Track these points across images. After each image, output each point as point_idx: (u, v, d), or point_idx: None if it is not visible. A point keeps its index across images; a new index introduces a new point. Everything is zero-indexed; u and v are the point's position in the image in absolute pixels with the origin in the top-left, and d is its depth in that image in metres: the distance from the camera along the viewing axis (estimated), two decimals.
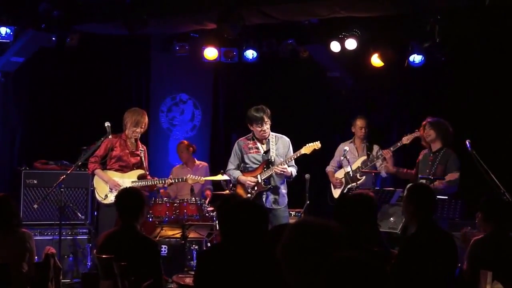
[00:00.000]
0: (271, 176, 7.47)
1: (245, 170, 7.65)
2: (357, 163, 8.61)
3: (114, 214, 7.17)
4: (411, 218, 5.13)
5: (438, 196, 6.89)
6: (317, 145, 7.44)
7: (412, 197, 5.12)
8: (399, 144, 8.26)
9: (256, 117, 7.46)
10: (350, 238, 2.81)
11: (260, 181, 7.47)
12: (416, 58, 9.48)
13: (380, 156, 8.51)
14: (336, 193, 8.88)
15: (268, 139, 7.58)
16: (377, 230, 4.97)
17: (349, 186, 8.62)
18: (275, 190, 7.53)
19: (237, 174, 7.66)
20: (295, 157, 7.46)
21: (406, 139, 8.18)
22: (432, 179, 7.66)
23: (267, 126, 7.48)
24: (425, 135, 7.90)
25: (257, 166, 7.56)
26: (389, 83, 10.20)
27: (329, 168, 9.14)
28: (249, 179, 7.52)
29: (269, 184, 7.48)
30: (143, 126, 7.83)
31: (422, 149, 8.21)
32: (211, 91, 11.55)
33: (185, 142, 10.02)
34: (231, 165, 7.76)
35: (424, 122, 8.03)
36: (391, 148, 8.32)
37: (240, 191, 7.68)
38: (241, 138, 7.78)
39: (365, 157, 8.77)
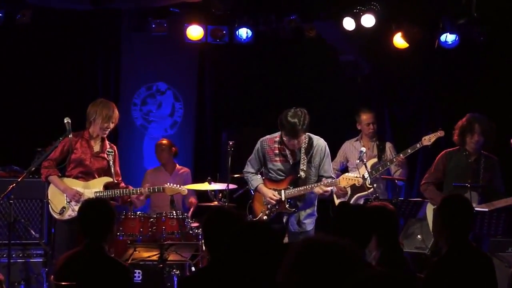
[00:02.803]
0: (298, 197, 7.43)
1: (266, 177, 7.60)
2: (365, 168, 8.54)
3: (74, 232, 7.16)
4: (441, 236, 5.14)
5: (476, 209, 6.93)
6: (358, 180, 7.36)
7: (444, 210, 5.13)
8: (418, 146, 8.21)
9: (291, 128, 7.20)
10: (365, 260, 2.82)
11: (283, 198, 7.41)
12: (448, 37, 9.51)
13: (394, 160, 8.53)
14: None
15: (300, 147, 7.44)
16: (399, 250, 4.99)
17: (359, 195, 8.61)
18: (304, 209, 7.48)
19: (258, 182, 7.59)
20: (329, 188, 7.34)
21: (427, 140, 8.12)
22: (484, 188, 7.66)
23: (299, 140, 7.32)
24: (473, 141, 7.78)
25: (282, 178, 7.50)
26: (415, 68, 10.22)
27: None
28: (270, 195, 7.42)
29: (294, 207, 7.43)
30: (114, 121, 7.83)
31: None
32: (196, 79, 11.55)
33: (166, 140, 10.01)
34: (250, 168, 7.67)
35: (465, 121, 7.86)
36: (409, 150, 8.29)
37: (256, 203, 7.64)
38: (266, 137, 7.64)
39: (375, 160, 8.74)
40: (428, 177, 8.04)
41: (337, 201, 8.91)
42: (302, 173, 7.36)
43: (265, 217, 7.42)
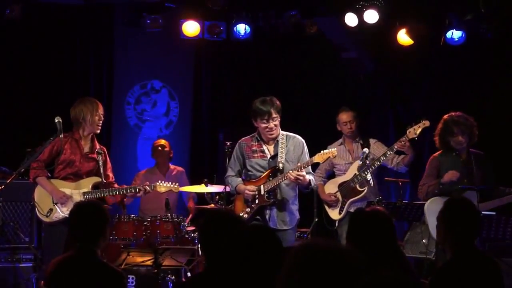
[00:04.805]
0: (277, 187, 7.48)
1: (247, 178, 7.68)
2: (353, 170, 8.51)
3: (62, 235, 7.17)
4: (446, 241, 5.15)
5: (484, 213, 6.95)
6: (333, 153, 7.40)
7: (448, 214, 5.14)
8: (404, 139, 8.04)
9: (261, 110, 7.47)
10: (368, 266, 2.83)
11: (262, 192, 7.47)
12: (455, 34, 9.52)
13: (388, 154, 8.34)
14: (333, 213, 8.67)
15: (277, 141, 7.59)
16: (401, 255, 5.00)
17: (352, 200, 8.52)
18: (283, 206, 7.51)
19: (237, 182, 7.68)
20: (306, 166, 7.44)
21: (412, 133, 7.97)
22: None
23: (274, 123, 7.49)
24: (457, 142, 7.80)
25: (261, 174, 7.56)
26: (420, 66, 10.24)
27: (316, 181, 8.65)
28: (248, 188, 7.52)
29: (273, 198, 7.47)
30: (103, 113, 7.89)
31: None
32: (192, 77, 11.57)
33: (166, 143, 9.98)
34: (230, 171, 7.77)
35: (442, 125, 7.87)
36: (395, 146, 8.12)
37: (238, 203, 7.70)
38: (244, 138, 7.78)
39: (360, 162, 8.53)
40: (424, 180, 8.03)
41: (329, 211, 8.72)
42: (280, 165, 7.48)
43: (245, 215, 7.47)
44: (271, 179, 7.45)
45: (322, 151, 7.45)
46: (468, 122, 7.80)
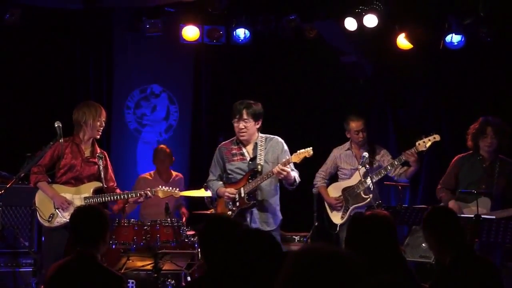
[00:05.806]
0: (257, 189, 7.48)
1: (228, 181, 7.69)
2: (358, 175, 8.46)
3: (63, 239, 7.17)
4: (439, 252, 5.18)
5: (483, 216, 6.94)
6: (308, 152, 7.29)
7: (429, 228, 5.19)
8: (412, 151, 8.03)
9: (235, 109, 7.60)
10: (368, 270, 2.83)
11: (243, 195, 7.48)
12: (454, 38, 9.53)
13: (395, 163, 8.31)
14: (335, 217, 8.66)
15: (256, 143, 7.62)
16: (401, 259, 5.01)
17: (356, 206, 8.49)
18: (264, 207, 7.52)
19: (218, 185, 7.70)
20: (287, 164, 7.40)
21: (422, 146, 7.97)
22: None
23: (244, 125, 7.54)
24: (486, 144, 7.76)
25: (241, 176, 7.59)
26: (419, 70, 10.24)
27: (319, 183, 8.88)
28: (227, 191, 7.54)
29: (253, 199, 7.49)
30: (104, 119, 7.88)
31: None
32: (191, 81, 11.57)
33: (168, 149, 10.00)
34: (211, 176, 7.81)
35: (477, 124, 7.83)
36: (403, 158, 8.10)
37: (220, 207, 7.71)
38: (224, 142, 7.85)
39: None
40: (442, 181, 8.06)
41: (331, 214, 8.72)
42: (259, 167, 7.49)
43: None
44: (250, 181, 7.46)
45: (298, 151, 7.36)
46: (503, 127, 7.76)
